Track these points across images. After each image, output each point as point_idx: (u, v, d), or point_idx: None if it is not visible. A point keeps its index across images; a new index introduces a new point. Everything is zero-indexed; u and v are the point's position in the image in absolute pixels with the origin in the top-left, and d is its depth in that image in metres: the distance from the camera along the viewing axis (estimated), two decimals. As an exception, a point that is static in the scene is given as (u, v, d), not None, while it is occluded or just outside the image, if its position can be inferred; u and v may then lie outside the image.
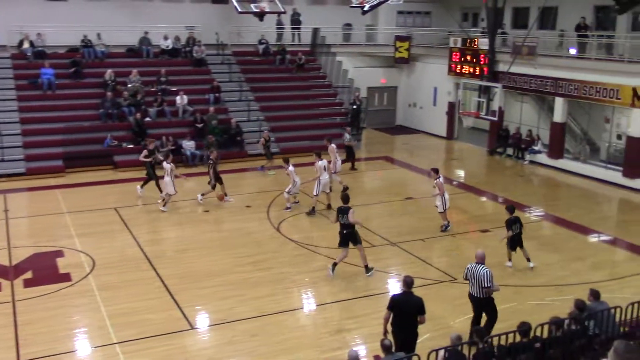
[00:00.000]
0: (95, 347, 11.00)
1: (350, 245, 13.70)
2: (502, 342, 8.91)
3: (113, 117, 24.59)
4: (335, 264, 13.79)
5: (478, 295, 10.72)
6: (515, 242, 14.17)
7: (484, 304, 10.78)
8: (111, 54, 27.51)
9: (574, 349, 9.25)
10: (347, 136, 24.10)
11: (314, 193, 18.38)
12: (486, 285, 10.60)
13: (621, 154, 22.82)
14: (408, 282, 9.69)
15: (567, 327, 9.37)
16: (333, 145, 20.75)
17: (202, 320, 12.06)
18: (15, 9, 26.74)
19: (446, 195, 16.55)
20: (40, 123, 23.84)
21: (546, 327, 9.12)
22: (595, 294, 10.15)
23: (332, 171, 19.43)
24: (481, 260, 10.84)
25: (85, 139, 23.60)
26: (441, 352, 8.33)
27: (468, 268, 10.89)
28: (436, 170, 16.77)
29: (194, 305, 12.47)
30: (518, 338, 9.03)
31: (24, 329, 11.37)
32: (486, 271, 10.62)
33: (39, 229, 16.94)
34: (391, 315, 9.57)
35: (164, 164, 18.35)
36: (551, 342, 9.10)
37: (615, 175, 22.23)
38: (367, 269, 13.92)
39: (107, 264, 14.39)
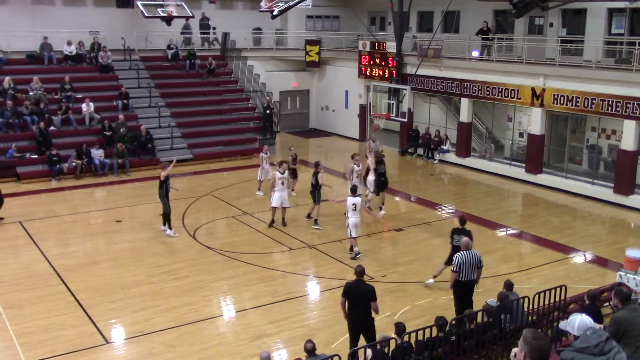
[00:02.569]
0: (3, 369, 10.45)
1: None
2: (420, 337, 9.16)
3: (14, 126, 23.42)
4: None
5: (468, 279, 11.17)
6: None
7: (471, 288, 11.26)
8: (10, 61, 26.19)
9: (487, 340, 9.63)
10: (372, 144, 22.35)
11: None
12: (481, 265, 11.30)
13: (523, 151, 23.96)
14: (359, 271, 10.19)
15: (480, 319, 9.75)
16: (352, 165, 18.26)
17: (118, 334, 11.69)
18: None
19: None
20: None
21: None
22: (508, 286, 10.62)
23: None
24: (468, 247, 11.36)
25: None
26: (369, 352, 8.43)
27: (457, 257, 11.25)
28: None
29: (108, 319, 12.07)
30: (435, 332, 9.31)
31: None
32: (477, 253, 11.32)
33: (-64, 247, 15.89)
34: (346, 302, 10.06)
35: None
36: (465, 334, 9.43)
37: (519, 172, 23.33)
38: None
39: (12, 281, 13.68)
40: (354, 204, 14.80)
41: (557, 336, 8.76)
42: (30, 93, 24.56)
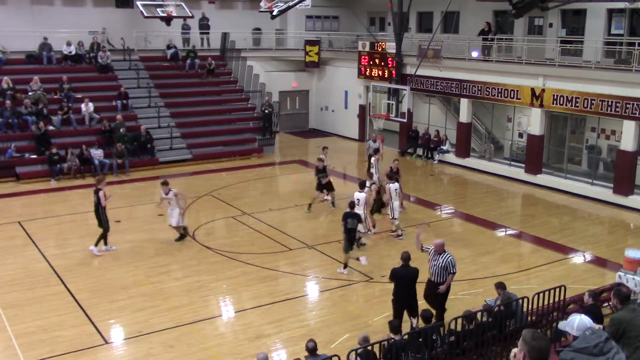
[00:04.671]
0: (3, 369, 10.44)
1: None
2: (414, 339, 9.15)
3: (14, 126, 23.41)
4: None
5: (438, 281, 11.22)
6: None
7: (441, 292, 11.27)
8: (9, 61, 26.17)
9: (486, 340, 9.62)
10: (372, 144, 22.51)
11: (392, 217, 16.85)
12: (452, 271, 11.22)
13: (523, 151, 23.96)
14: (405, 257, 11.00)
15: (479, 319, 9.74)
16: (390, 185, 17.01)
17: (117, 334, 11.67)
18: None
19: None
20: None
21: (459, 320, 9.41)
22: (500, 286, 10.60)
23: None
24: (442, 250, 11.33)
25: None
26: (352, 356, 8.41)
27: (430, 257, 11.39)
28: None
29: (107, 319, 12.06)
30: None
31: None
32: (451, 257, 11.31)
33: None
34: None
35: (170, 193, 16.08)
36: (465, 334, 9.43)
37: (519, 172, 23.33)
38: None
39: (11, 281, 13.68)
40: (357, 199, 15.31)
41: (556, 336, 8.75)
42: (30, 93, 24.55)
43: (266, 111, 28.04)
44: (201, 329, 11.72)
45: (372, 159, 20.02)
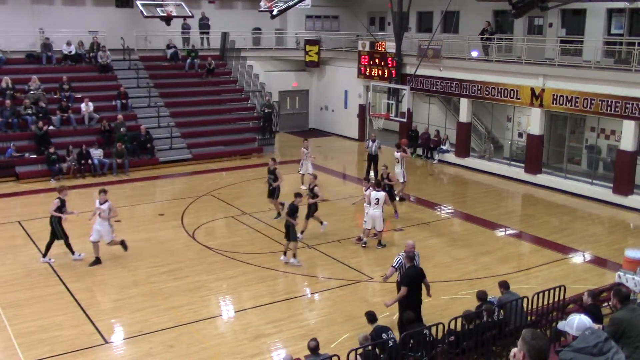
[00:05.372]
0: (3, 369, 10.45)
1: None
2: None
3: (13, 126, 23.41)
4: None
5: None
6: None
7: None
8: (9, 60, 26.18)
9: (486, 340, 9.63)
10: (371, 144, 22.59)
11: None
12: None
13: (523, 151, 23.97)
14: (410, 257, 11.09)
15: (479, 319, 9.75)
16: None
17: (117, 334, 11.67)
18: None
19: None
20: None
21: (459, 320, 9.42)
22: (504, 285, 10.64)
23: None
24: (413, 249, 11.55)
25: (-17, 150, 22.38)
26: (352, 356, 8.43)
27: (400, 258, 11.51)
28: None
29: (107, 318, 12.06)
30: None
31: None
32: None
33: None
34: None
35: None
36: (465, 334, 9.43)
37: (518, 172, 23.33)
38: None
39: (11, 281, 13.67)
40: (376, 199, 15.53)
41: (556, 336, 8.75)
42: (30, 92, 24.55)
43: (266, 111, 28.05)
44: (201, 329, 11.72)
45: (397, 155, 20.22)
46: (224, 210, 19.08)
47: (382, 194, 15.71)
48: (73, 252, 14.95)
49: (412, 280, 10.90)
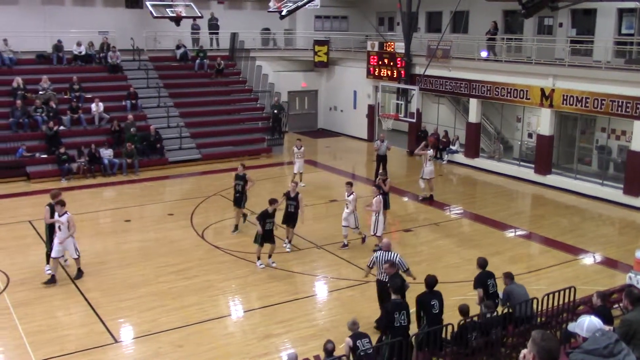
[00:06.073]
0: (13, 367, 10.51)
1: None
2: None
3: (24, 126, 23.56)
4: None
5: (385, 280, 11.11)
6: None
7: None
8: (20, 61, 26.35)
9: (495, 341, 9.59)
10: (379, 144, 22.46)
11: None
12: (405, 269, 11.47)
13: (533, 152, 23.87)
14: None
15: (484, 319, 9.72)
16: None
17: (126, 333, 11.71)
18: None
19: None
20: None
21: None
22: (509, 276, 10.66)
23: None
24: (389, 248, 11.65)
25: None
26: (348, 340, 8.84)
27: (376, 257, 11.53)
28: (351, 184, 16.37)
29: (116, 318, 12.11)
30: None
31: None
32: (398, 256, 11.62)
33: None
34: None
35: None
36: (468, 327, 9.40)
37: (528, 172, 23.24)
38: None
39: (22, 280, 13.73)
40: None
41: (566, 338, 8.72)
42: (40, 93, 24.70)
43: (275, 111, 28.08)
44: (210, 329, 11.75)
45: (430, 152, 20.27)
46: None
47: (353, 196, 15.66)
48: (47, 263, 13.87)
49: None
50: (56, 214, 13.37)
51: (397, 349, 9.00)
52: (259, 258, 14.64)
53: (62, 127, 23.93)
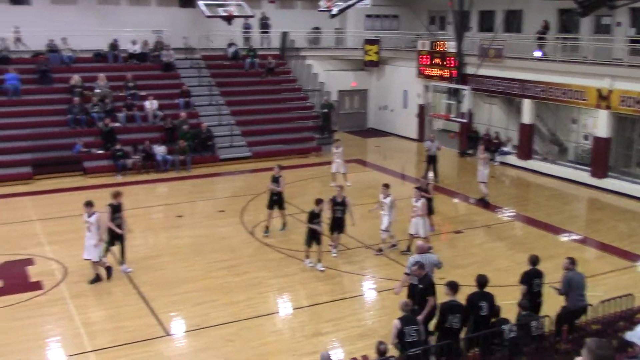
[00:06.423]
0: (70, 355, 10.81)
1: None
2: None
3: (81, 122, 24.25)
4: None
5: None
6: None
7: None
8: (78, 59, 27.12)
9: (548, 347, 9.41)
10: (430, 144, 22.36)
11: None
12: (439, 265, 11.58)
13: (588, 154, 23.27)
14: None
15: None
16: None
17: (177, 327, 11.93)
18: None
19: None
20: (6, 129, 23.39)
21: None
22: (573, 261, 10.44)
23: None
24: (424, 251, 11.45)
25: (54, 145, 23.22)
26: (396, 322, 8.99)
27: (416, 259, 11.10)
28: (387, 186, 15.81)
29: (168, 311, 12.35)
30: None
31: (-5, 340, 11.15)
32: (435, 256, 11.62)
33: (8, 237, 16.58)
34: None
35: None
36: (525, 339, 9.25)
37: (583, 175, 22.65)
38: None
39: (79, 272, 14.12)
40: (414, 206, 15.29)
41: (622, 347, 8.48)
42: (97, 90, 25.38)
43: (324, 110, 28.14)
44: (259, 325, 11.86)
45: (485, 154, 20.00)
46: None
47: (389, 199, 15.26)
48: (104, 256, 13.90)
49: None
50: (85, 215, 13.42)
51: (446, 351, 8.92)
52: (307, 257, 14.69)
53: (117, 124, 24.52)
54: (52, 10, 27.72)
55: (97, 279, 13.62)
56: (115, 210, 13.87)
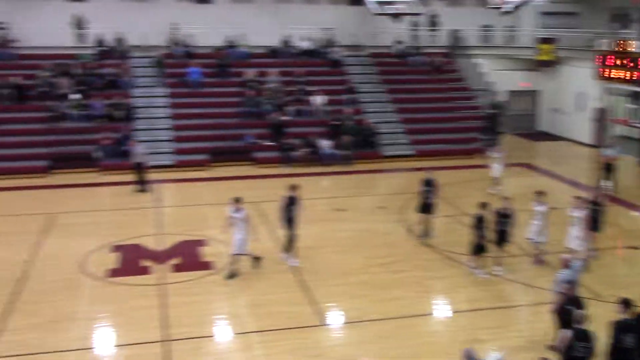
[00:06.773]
0: (236, 333, 11.52)
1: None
2: None
3: (253, 115, 25.56)
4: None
5: None
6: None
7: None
8: (253, 55, 28.61)
9: None
10: (607, 151, 21.41)
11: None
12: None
13: None
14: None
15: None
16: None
17: (333, 318, 12.17)
18: (166, 11, 28.63)
19: None
20: (188, 119, 25.32)
21: None
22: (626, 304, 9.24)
23: None
24: (566, 265, 10.92)
25: (229, 135, 24.74)
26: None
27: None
28: None
29: (325, 301, 12.63)
30: None
31: (172, 311, 12.08)
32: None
33: (186, 218, 17.96)
34: None
35: None
36: None
37: None
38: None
39: (245, 257, 14.85)
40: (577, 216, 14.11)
41: None
42: (270, 85, 26.62)
43: (492, 111, 27.26)
44: (415, 325, 11.79)
45: None
46: (444, 209, 18.86)
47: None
48: (287, 252, 14.50)
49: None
50: (232, 209, 13.59)
51: None
52: (478, 267, 14.03)
53: (286, 118, 25.55)
54: (233, 9, 29.54)
55: (233, 274, 13.63)
56: (291, 202, 14.46)
